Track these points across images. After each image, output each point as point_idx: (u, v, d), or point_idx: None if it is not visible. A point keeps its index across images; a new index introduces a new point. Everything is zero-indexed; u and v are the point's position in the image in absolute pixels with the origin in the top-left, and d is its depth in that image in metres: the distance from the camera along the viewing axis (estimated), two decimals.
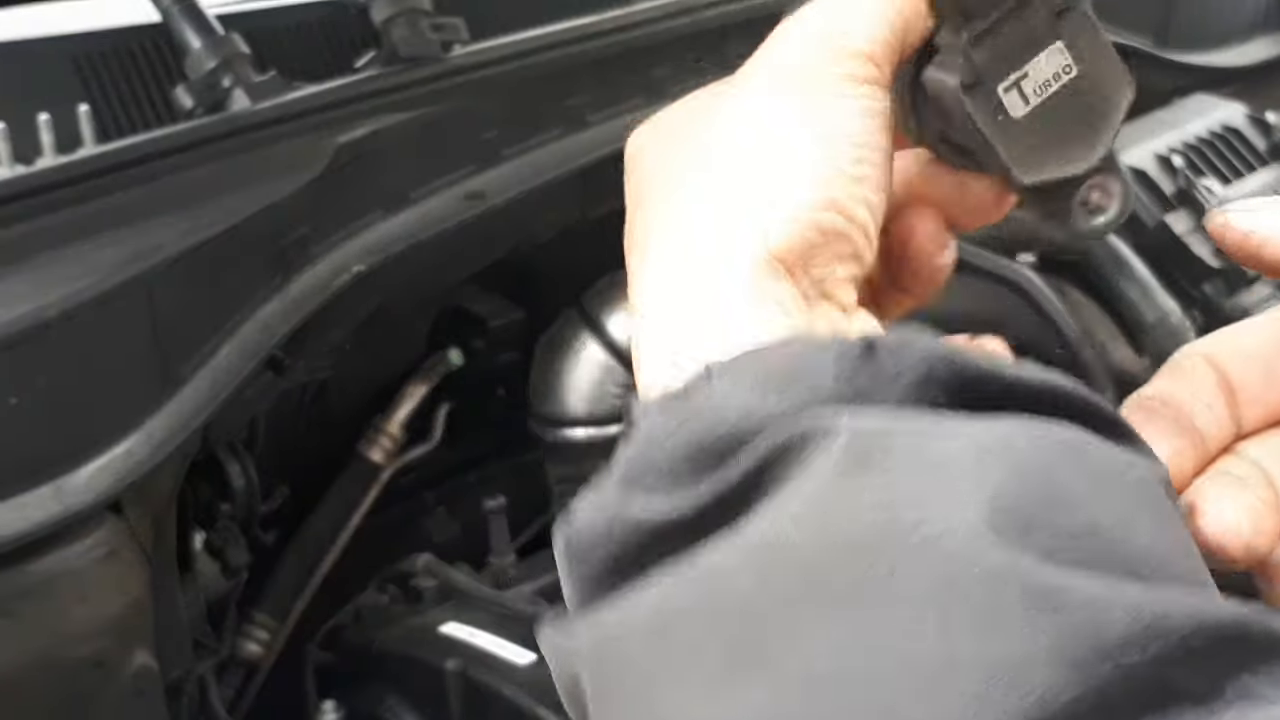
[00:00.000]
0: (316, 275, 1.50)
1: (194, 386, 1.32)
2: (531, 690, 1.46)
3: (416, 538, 2.14)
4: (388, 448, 2.00)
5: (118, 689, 1.30)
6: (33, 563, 1.21)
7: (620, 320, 2.05)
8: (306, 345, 1.57)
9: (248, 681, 1.82)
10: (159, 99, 1.78)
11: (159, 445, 1.26)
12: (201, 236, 1.34)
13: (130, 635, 1.31)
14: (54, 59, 1.74)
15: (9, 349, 1.16)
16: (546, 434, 2.09)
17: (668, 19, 1.98)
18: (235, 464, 1.66)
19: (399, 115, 1.63)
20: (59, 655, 1.24)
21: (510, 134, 1.77)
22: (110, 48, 1.78)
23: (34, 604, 1.21)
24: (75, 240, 1.29)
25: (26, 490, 1.18)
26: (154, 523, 1.36)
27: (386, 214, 1.61)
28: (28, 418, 1.18)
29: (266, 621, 1.85)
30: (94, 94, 1.74)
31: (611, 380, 2.06)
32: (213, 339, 1.36)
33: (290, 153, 1.51)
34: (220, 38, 1.70)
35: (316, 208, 1.50)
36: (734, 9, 2.09)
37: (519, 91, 1.78)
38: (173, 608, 1.43)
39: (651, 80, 1.98)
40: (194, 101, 1.64)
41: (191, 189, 1.41)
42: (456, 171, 1.71)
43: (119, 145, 1.45)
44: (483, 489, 2.19)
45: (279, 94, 1.61)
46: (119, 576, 1.28)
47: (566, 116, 1.86)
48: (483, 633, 1.56)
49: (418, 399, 2.03)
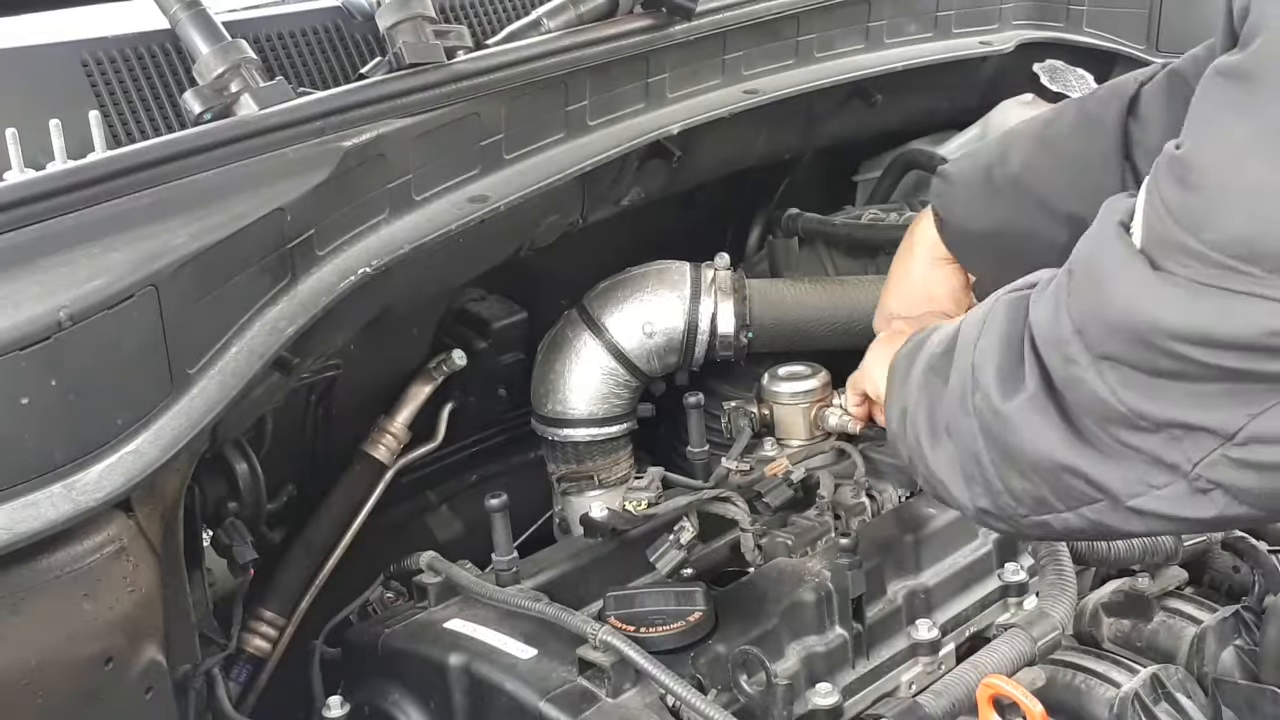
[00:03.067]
0: (323, 278, 1.51)
1: (202, 387, 1.33)
2: (533, 685, 1.47)
3: (420, 535, 2.16)
4: (392, 447, 2.02)
5: (127, 684, 1.31)
6: (43, 560, 1.22)
7: (620, 321, 2.07)
8: (313, 346, 1.59)
9: (255, 676, 1.84)
10: (168, 104, 1.80)
11: (168, 444, 1.28)
12: (210, 239, 1.35)
13: (139, 631, 1.32)
14: (65, 65, 1.76)
15: (21, 350, 1.16)
16: (548, 433, 2.11)
17: (666, 26, 1.99)
18: (243, 463, 1.67)
19: (404, 120, 1.64)
20: (69, 651, 1.25)
21: (513, 138, 1.79)
22: (120, 54, 1.79)
23: (44, 601, 1.22)
24: (86, 243, 1.30)
25: (37, 489, 1.19)
26: (163, 521, 1.38)
27: (392, 217, 1.63)
28: (39, 417, 1.19)
29: (273, 618, 1.87)
30: (104, 99, 1.76)
31: (612, 380, 2.08)
32: (221, 340, 1.37)
33: (297, 157, 1.52)
34: (228, 44, 1.71)
35: (323, 211, 1.51)
36: (737, 13, 2.11)
37: (522, 97, 1.80)
38: (181, 604, 1.45)
39: (651, 86, 1.99)
40: (202, 106, 1.66)
41: (200, 192, 1.43)
42: (461, 175, 1.73)
43: (128, 150, 1.45)
44: (485, 487, 2.21)
45: (286, 99, 1.62)
46: (128, 574, 1.30)
47: (568, 121, 1.87)
48: (485, 628, 1.57)
49: (422, 399, 2.05)
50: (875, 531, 1.73)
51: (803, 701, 1.49)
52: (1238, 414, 1.04)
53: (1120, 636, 1.71)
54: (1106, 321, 1.09)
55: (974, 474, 1.25)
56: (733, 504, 1.74)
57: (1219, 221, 1.01)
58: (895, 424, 1.42)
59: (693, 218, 2.47)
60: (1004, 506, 1.24)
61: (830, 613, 1.58)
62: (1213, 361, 1.02)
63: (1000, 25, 2.56)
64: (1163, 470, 1.10)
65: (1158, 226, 1.05)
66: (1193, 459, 1.07)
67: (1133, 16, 2.67)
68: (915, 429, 1.34)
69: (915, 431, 1.34)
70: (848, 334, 2.02)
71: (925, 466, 1.33)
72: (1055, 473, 1.16)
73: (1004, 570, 1.72)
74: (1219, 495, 1.08)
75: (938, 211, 1.74)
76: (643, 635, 1.50)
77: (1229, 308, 1.01)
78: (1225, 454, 1.06)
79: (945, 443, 1.29)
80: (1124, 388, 1.08)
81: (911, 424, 1.35)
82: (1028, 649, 1.58)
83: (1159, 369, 1.06)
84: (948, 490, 1.30)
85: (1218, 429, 1.05)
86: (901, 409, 1.39)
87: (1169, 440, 1.08)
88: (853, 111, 2.41)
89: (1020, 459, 1.19)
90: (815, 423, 1.93)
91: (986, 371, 1.21)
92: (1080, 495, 1.16)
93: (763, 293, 2.11)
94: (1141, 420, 1.08)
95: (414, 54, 1.71)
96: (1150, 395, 1.07)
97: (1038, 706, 1.38)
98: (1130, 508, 1.13)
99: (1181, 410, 1.06)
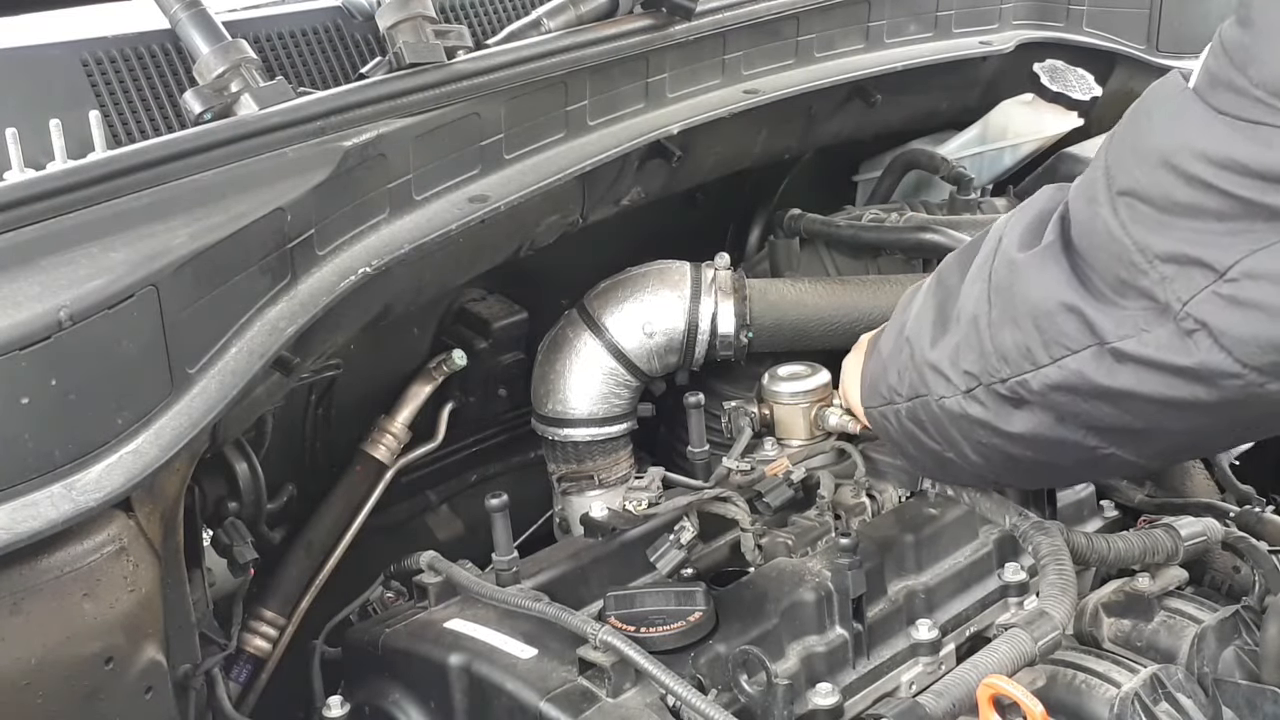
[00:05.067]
0: (323, 277, 1.51)
1: (203, 386, 1.33)
2: (533, 685, 1.47)
3: (420, 535, 2.17)
4: (392, 447, 2.02)
5: (127, 684, 1.31)
6: (43, 560, 1.22)
7: (620, 321, 2.07)
8: (313, 346, 1.59)
9: (255, 676, 1.84)
10: (168, 104, 1.80)
11: (168, 444, 1.28)
12: (210, 239, 1.35)
13: (139, 631, 1.32)
14: (65, 65, 1.76)
15: (21, 350, 1.17)
16: (548, 433, 2.11)
17: (666, 26, 2.00)
18: (243, 462, 1.67)
19: (404, 120, 1.65)
20: (69, 651, 1.25)
21: (513, 138, 1.79)
22: (120, 54, 1.79)
23: (45, 601, 1.22)
24: (86, 243, 1.31)
25: (38, 489, 1.19)
26: (163, 520, 1.38)
27: (392, 217, 1.63)
28: (39, 417, 1.19)
29: (273, 618, 1.87)
30: (104, 99, 1.76)
31: (613, 380, 2.08)
32: (221, 340, 1.38)
33: (297, 157, 1.52)
34: (228, 43, 1.72)
35: (323, 211, 1.51)
36: (737, 13, 2.11)
37: (522, 97, 1.80)
38: (181, 604, 1.45)
39: (651, 86, 1.99)
40: (202, 106, 1.66)
41: (200, 192, 1.43)
42: (461, 175, 1.73)
43: (128, 150, 1.45)
44: (485, 487, 2.22)
45: (286, 99, 1.62)
46: (128, 574, 1.30)
47: (568, 121, 1.87)
48: (485, 628, 1.57)
49: (421, 399, 2.05)
50: (875, 531, 1.73)
51: (803, 701, 1.49)
52: (1236, 250, 1.10)
53: (1120, 636, 1.71)
54: (1138, 150, 1.17)
55: (970, 342, 1.34)
56: (733, 504, 1.74)
57: (1268, 58, 1.07)
58: (889, 348, 1.53)
59: (693, 218, 2.47)
60: (989, 369, 1.32)
61: (830, 613, 1.58)
62: (1233, 190, 1.09)
63: (1000, 25, 2.56)
64: (1154, 314, 1.17)
65: (1212, 65, 1.12)
66: (1183, 297, 1.14)
67: (1133, 16, 2.67)
68: (917, 336, 1.44)
69: (916, 336, 1.45)
70: (848, 334, 2.02)
71: (918, 357, 1.44)
72: (1051, 315, 1.24)
73: (1004, 570, 1.72)
74: (1202, 338, 1.14)
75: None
76: (643, 635, 1.50)
77: (1266, 137, 1.06)
78: (1215, 290, 1.12)
79: (950, 331, 1.38)
80: (1134, 222, 1.16)
81: (911, 338, 1.46)
82: (1028, 649, 1.57)
83: (1173, 201, 1.12)
84: (938, 370, 1.40)
85: (1213, 263, 1.11)
86: (899, 333, 1.50)
87: (1163, 281, 1.15)
88: (853, 111, 2.41)
89: (1020, 304, 1.28)
90: (815, 423, 1.93)
91: (1011, 234, 1.31)
92: (1069, 340, 1.23)
93: (763, 293, 2.11)
94: (1143, 255, 1.15)
95: (414, 54, 1.71)
96: (1157, 229, 1.14)
97: (1038, 706, 1.38)
98: (1115, 349, 1.20)
99: (1182, 244, 1.13)
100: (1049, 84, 2.54)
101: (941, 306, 1.42)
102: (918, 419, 1.49)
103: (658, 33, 1.98)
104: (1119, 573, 1.78)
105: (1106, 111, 2.61)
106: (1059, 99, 2.54)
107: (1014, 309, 1.28)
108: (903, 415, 1.52)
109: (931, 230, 2.23)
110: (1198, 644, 1.60)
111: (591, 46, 1.90)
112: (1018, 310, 1.28)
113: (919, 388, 1.45)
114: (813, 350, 2.06)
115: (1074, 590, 1.67)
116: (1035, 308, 1.26)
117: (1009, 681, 1.43)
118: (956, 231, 2.21)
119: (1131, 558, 1.72)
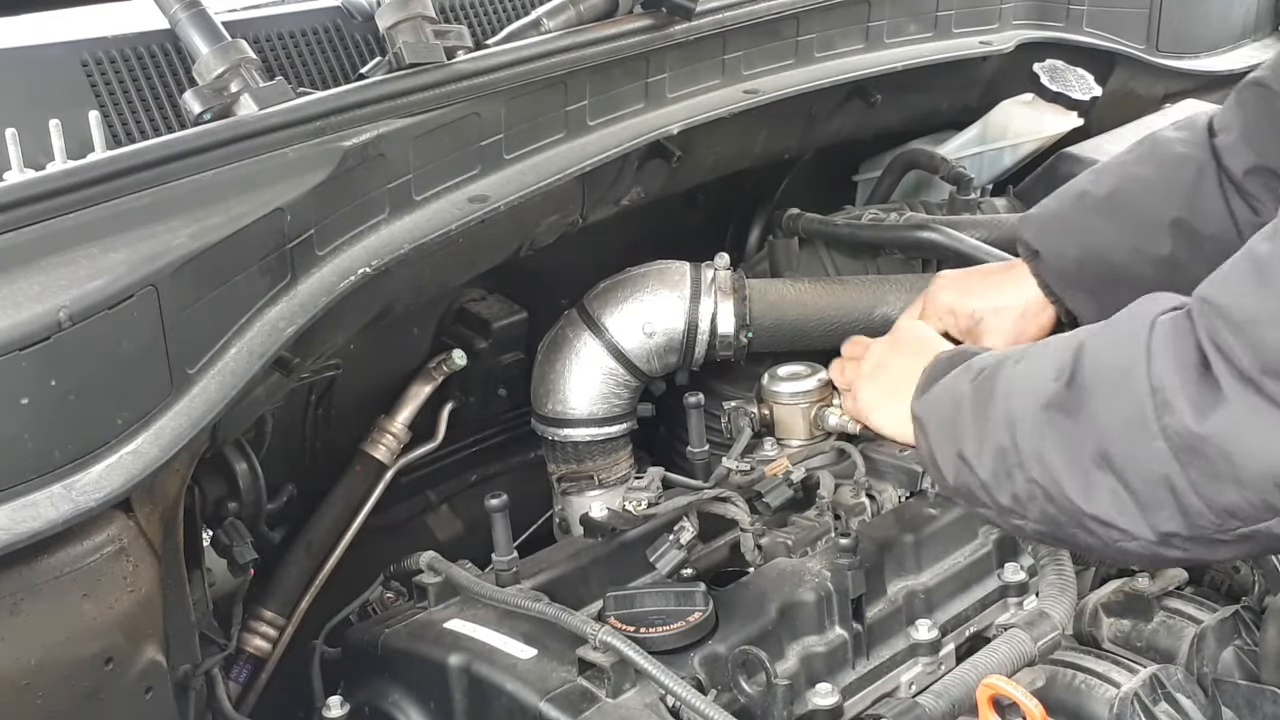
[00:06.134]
0: (323, 277, 1.51)
1: (202, 387, 1.33)
2: (533, 685, 1.47)
3: (420, 535, 2.17)
4: (392, 447, 2.02)
5: (127, 684, 1.32)
6: (43, 560, 1.22)
7: (620, 321, 2.07)
8: (313, 346, 1.59)
9: (255, 676, 1.84)
10: (168, 104, 1.80)
11: (168, 444, 1.28)
12: (210, 239, 1.35)
13: (139, 631, 1.32)
14: (65, 65, 1.75)
15: (21, 350, 1.17)
16: (548, 433, 2.11)
17: (666, 26, 2.00)
18: (243, 463, 1.67)
19: (404, 120, 1.65)
20: (69, 651, 1.26)
21: (513, 138, 1.79)
22: (120, 54, 1.79)
23: (44, 601, 1.22)
24: (86, 243, 1.31)
25: (37, 489, 1.19)
26: (163, 521, 1.38)
27: (392, 217, 1.63)
28: (39, 417, 1.19)
29: (273, 618, 1.87)
30: (104, 99, 1.76)
31: (612, 380, 2.07)
32: (221, 340, 1.38)
33: (296, 157, 1.52)
34: (228, 44, 1.71)
35: (323, 211, 1.51)
36: (736, 13, 2.11)
37: (521, 97, 1.80)
38: (181, 604, 1.45)
39: (651, 86, 1.99)
40: (202, 106, 1.66)
41: (200, 192, 1.43)
42: (461, 175, 1.73)
43: (128, 150, 1.45)
44: (485, 487, 2.22)
45: (285, 99, 1.62)
46: (128, 574, 1.30)
47: (568, 121, 1.87)
48: (485, 628, 1.57)
49: (421, 399, 2.05)
50: (875, 531, 1.73)
51: (803, 702, 1.49)
52: None
53: (1120, 636, 1.71)
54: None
55: (1160, 499, 1.21)
56: (733, 504, 1.74)
57: None
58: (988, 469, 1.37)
59: (693, 218, 2.48)
60: (1203, 527, 1.20)
61: (830, 613, 1.58)
62: None
63: (1000, 25, 2.56)
64: None
65: None
66: None
67: (1133, 16, 2.67)
68: (1044, 470, 1.30)
69: (1042, 473, 1.30)
70: (847, 334, 2.02)
71: (1065, 505, 1.29)
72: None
73: (1004, 570, 1.72)
74: None
75: (1033, 247, 1.83)
76: (643, 635, 1.50)
77: None
78: None
79: (1103, 476, 1.25)
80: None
81: (1030, 466, 1.31)
82: (1028, 649, 1.58)
83: None
84: (1109, 524, 1.26)
85: None
86: (997, 448, 1.35)
87: None
88: (853, 111, 2.41)
89: (1243, 471, 1.15)
90: (815, 423, 1.93)
91: (1177, 394, 1.18)
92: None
93: (763, 293, 2.11)
94: None
95: (414, 54, 1.71)
96: None
97: (1038, 707, 1.38)
98: None
99: None
100: (1049, 84, 2.54)
101: (1070, 451, 1.28)
102: (1055, 539, 1.39)
103: (658, 33, 1.98)
104: (1119, 573, 1.78)
105: (1106, 112, 2.61)
106: (1059, 99, 2.54)
107: (1233, 473, 1.16)
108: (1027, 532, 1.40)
109: (930, 229, 2.23)
110: (1197, 644, 1.60)
111: (591, 46, 1.90)
112: (1241, 474, 1.16)
113: (1071, 529, 1.32)
114: (812, 350, 2.05)
115: (1073, 590, 1.68)
116: (1270, 469, 1.15)
117: (1008, 682, 1.43)
118: (956, 231, 2.21)
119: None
